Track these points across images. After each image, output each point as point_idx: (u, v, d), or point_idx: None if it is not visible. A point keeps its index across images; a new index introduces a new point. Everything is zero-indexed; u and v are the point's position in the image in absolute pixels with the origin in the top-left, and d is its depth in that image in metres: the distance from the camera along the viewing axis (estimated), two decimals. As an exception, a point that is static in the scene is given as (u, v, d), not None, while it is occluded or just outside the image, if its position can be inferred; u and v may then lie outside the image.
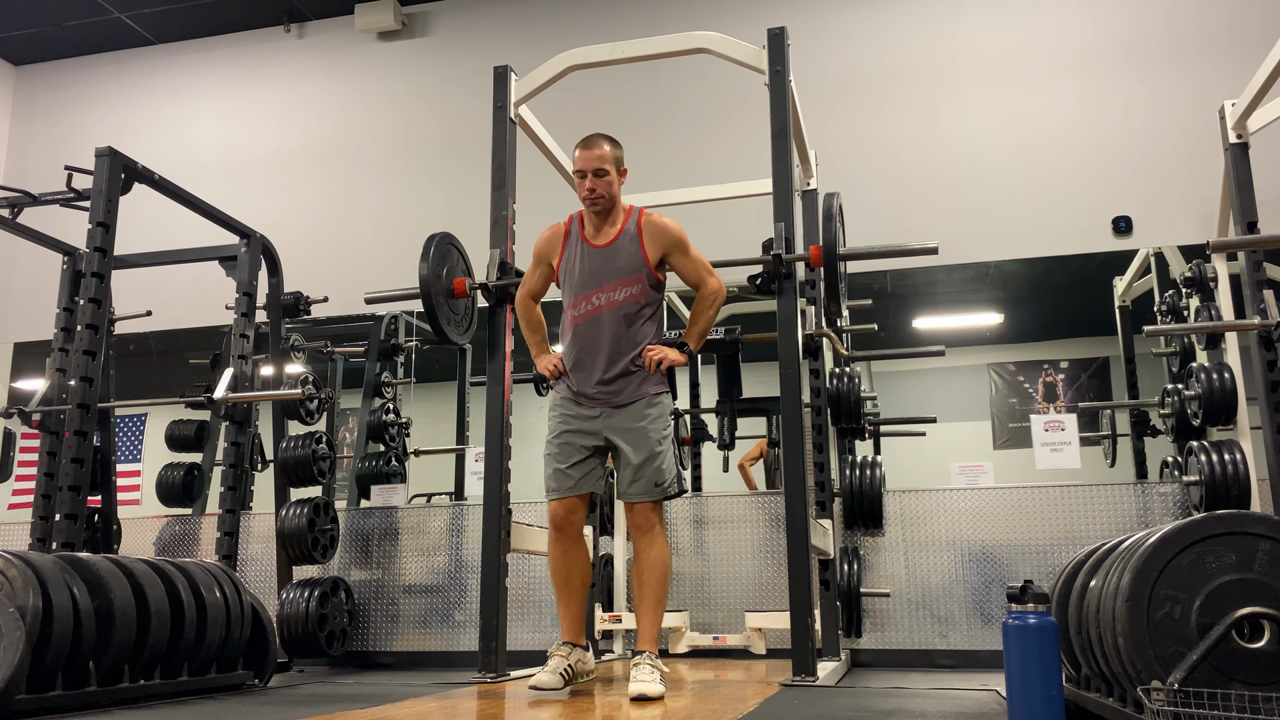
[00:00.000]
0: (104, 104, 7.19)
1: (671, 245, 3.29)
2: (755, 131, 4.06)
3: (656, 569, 3.19)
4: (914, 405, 6.01)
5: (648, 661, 3.03)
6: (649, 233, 3.27)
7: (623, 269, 3.25)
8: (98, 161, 4.27)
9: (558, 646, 3.23)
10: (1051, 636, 2.00)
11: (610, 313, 3.24)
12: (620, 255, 3.26)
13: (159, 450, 6.03)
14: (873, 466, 4.69)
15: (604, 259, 3.27)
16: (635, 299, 3.25)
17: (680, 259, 3.31)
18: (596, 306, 3.25)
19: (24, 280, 6.87)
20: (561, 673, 3.13)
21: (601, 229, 3.30)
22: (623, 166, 3.32)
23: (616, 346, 3.23)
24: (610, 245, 3.27)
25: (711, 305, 3.33)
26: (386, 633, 5.29)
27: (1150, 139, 5.42)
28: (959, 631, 4.69)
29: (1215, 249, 4.02)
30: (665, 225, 3.29)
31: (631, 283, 3.25)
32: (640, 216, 3.30)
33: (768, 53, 3.73)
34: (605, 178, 3.23)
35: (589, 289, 3.26)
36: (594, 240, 3.30)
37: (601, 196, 3.24)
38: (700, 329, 3.35)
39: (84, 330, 4.14)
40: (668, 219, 3.32)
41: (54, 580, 2.87)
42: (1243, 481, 4.14)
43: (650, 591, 3.18)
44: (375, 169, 6.58)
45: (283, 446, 5.06)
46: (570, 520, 3.25)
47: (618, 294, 3.24)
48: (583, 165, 3.24)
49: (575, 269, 3.30)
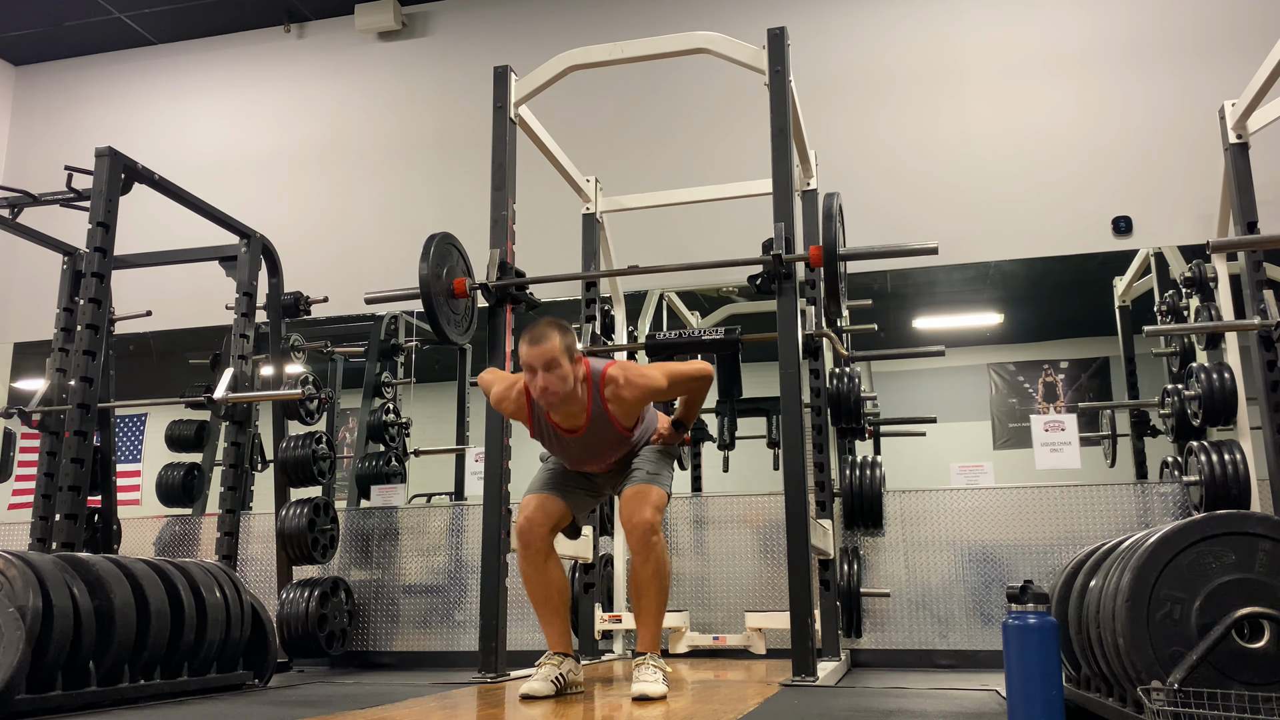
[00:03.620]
0: (104, 104, 7.19)
1: (646, 400, 3.13)
2: (755, 131, 4.06)
3: (657, 583, 3.08)
4: (914, 405, 6.00)
5: (651, 662, 3.00)
6: (618, 408, 3.07)
7: (604, 448, 3.16)
8: (98, 161, 4.27)
9: (548, 655, 3.14)
10: (1051, 636, 2.00)
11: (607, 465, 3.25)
12: (597, 438, 3.12)
13: (159, 450, 6.03)
14: (873, 466, 4.69)
15: (581, 445, 3.14)
16: (626, 452, 3.22)
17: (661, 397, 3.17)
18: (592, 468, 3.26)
19: (24, 280, 6.87)
20: (553, 680, 3.05)
21: (568, 414, 3.07)
22: (575, 353, 2.99)
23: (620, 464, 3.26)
24: (584, 433, 3.10)
25: (700, 394, 3.23)
26: (386, 633, 5.29)
27: (1150, 139, 5.43)
28: (959, 631, 4.69)
29: (1215, 249, 4.01)
30: (633, 396, 3.05)
31: (617, 450, 3.19)
32: (604, 389, 3.04)
33: (768, 53, 3.73)
34: (558, 371, 2.92)
35: (576, 465, 3.25)
36: (564, 427, 3.11)
37: (556, 394, 2.94)
38: (694, 410, 3.29)
39: (84, 330, 4.14)
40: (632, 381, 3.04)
41: (54, 580, 2.87)
42: (1243, 481, 4.14)
43: (650, 605, 3.10)
44: (375, 169, 6.58)
45: (283, 446, 5.06)
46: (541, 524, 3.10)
47: (611, 457, 3.21)
48: (530, 361, 2.93)
49: (554, 447, 3.21)
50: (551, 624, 3.19)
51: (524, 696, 2.98)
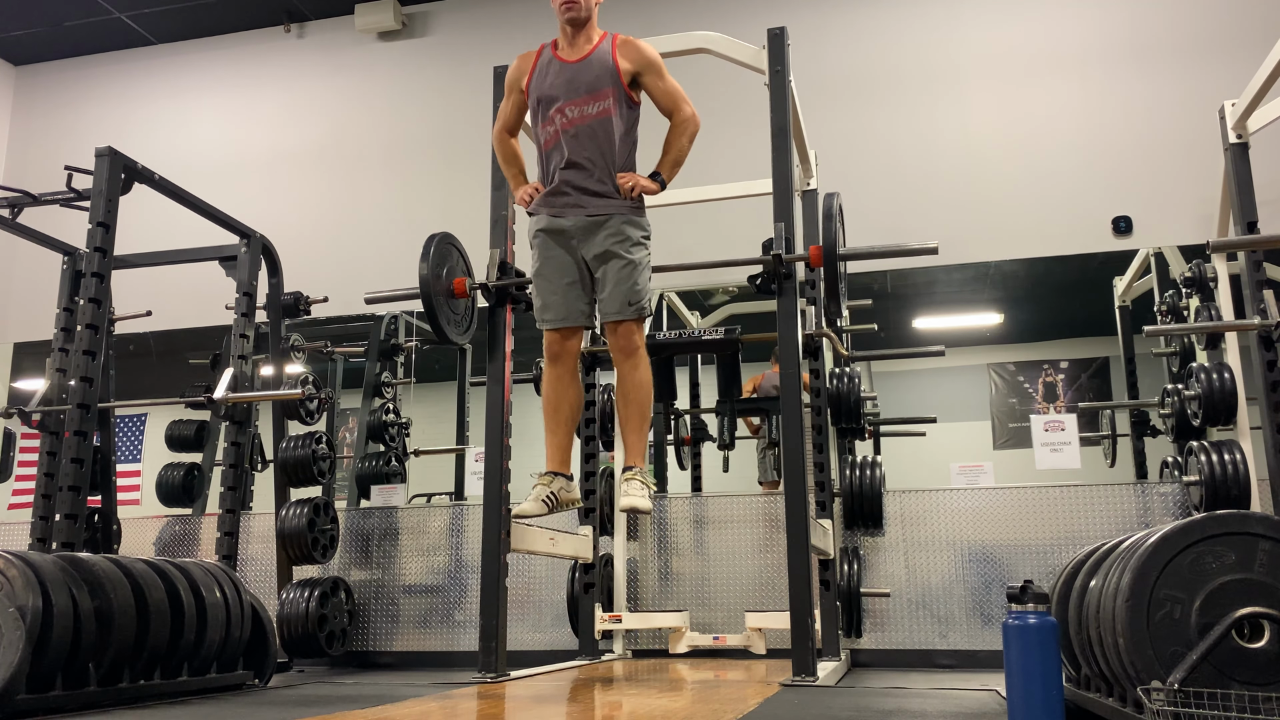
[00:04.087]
0: (104, 104, 7.19)
1: (646, 65, 3.27)
2: (755, 131, 4.06)
3: (641, 390, 3.28)
4: (914, 405, 6.01)
5: (639, 478, 3.15)
6: (624, 50, 3.26)
7: (594, 82, 3.22)
8: (98, 161, 4.27)
9: (541, 474, 3.29)
10: (1051, 636, 2.00)
11: (581, 127, 3.22)
12: (592, 68, 3.23)
13: (159, 450, 6.03)
14: (873, 466, 4.69)
15: (575, 72, 3.24)
16: (607, 113, 3.22)
17: (654, 80, 3.29)
18: (568, 120, 3.23)
19: (24, 280, 6.87)
20: (544, 500, 3.22)
21: (575, 42, 3.27)
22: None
23: (589, 161, 3.24)
24: (583, 60, 3.25)
25: (685, 133, 3.32)
26: (386, 633, 5.29)
27: (1150, 139, 5.43)
28: (959, 631, 4.69)
29: (1215, 249, 4.02)
30: (640, 45, 3.29)
31: (603, 96, 3.21)
32: (616, 38, 3.29)
33: (768, 53, 3.73)
34: None
35: (560, 103, 3.23)
36: (566, 56, 3.27)
37: (576, 3, 3.19)
38: (673, 158, 3.35)
39: (84, 330, 4.14)
40: (645, 42, 3.32)
41: (54, 580, 2.87)
42: (1243, 481, 4.14)
43: (636, 411, 3.28)
44: (375, 169, 6.58)
45: (283, 446, 5.06)
46: (565, 348, 3.33)
47: (590, 108, 3.21)
48: None
49: (546, 83, 3.27)
50: (555, 435, 3.36)
51: (516, 517, 3.23)
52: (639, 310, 3.24)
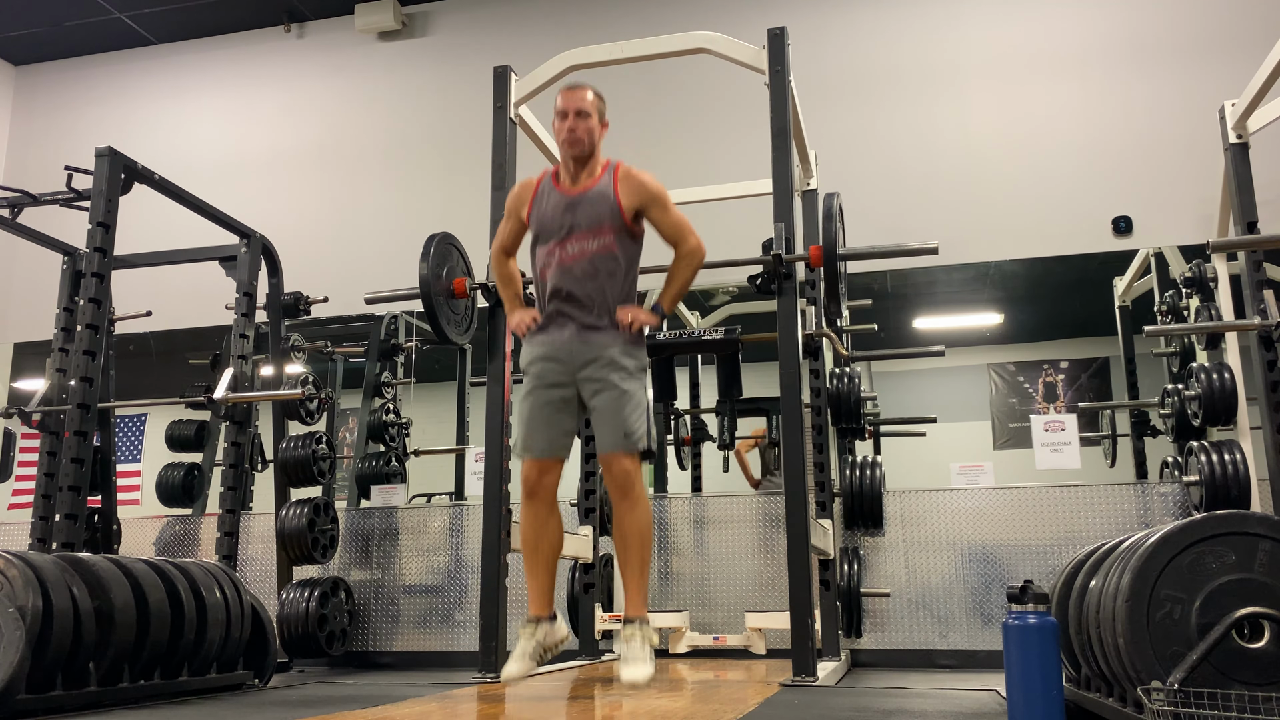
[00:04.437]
0: (104, 104, 7.19)
1: (650, 199, 3.16)
2: (755, 131, 4.06)
3: (641, 534, 3.07)
4: (914, 405, 6.00)
5: (639, 634, 2.95)
6: (626, 184, 3.15)
7: (596, 218, 3.12)
8: (98, 161, 4.27)
9: (523, 625, 3.11)
10: (1051, 636, 2.00)
11: (582, 262, 3.11)
12: (594, 203, 3.13)
13: (159, 450, 6.03)
14: (873, 466, 4.69)
15: (576, 206, 3.14)
16: (609, 249, 3.12)
17: (659, 214, 3.19)
18: (568, 255, 3.12)
19: (24, 280, 6.87)
20: (530, 656, 3.04)
21: (578, 177, 3.17)
22: (605, 118, 3.20)
23: (589, 298, 3.12)
24: (584, 193, 3.15)
25: (689, 265, 3.22)
26: (386, 633, 5.29)
27: (1150, 139, 5.43)
28: (959, 631, 4.69)
29: (1215, 249, 4.02)
30: (643, 179, 3.17)
31: (605, 232, 3.12)
32: (618, 169, 3.17)
33: (768, 53, 3.73)
34: (587, 121, 3.10)
35: (560, 238, 3.13)
36: (568, 189, 3.18)
37: (581, 140, 3.10)
38: (675, 290, 3.25)
39: (84, 330, 4.14)
40: (647, 174, 3.20)
41: (54, 580, 2.87)
42: (1243, 481, 4.14)
43: (636, 556, 3.07)
44: (375, 169, 6.58)
45: (283, 446, 5.06)
46: (543, 483, 3.13)
47: (590, 244, 3.11)
48: (565, 105, 3.11)
49: (546, 216, 3.17)
50: (536, 575, 3.16)
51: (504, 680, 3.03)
52: (634, 444, 3.05)
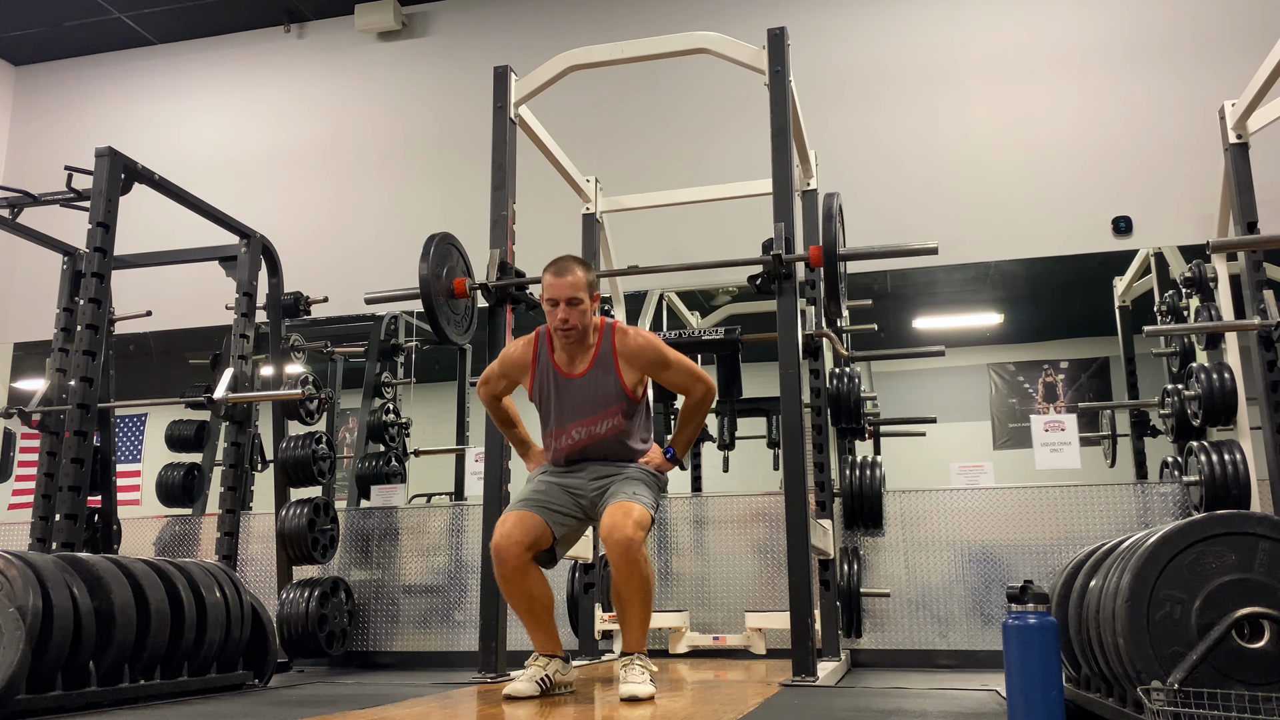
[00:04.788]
0: (104, 104, 7.19)
1: (650, 364, 3.12)
2: (755, 131, 4.06)
3: (639, 598, 2.97)
4: (914, 405, 6.00)
5: (638, 663, 2.95)
6: (625, 357, 3.09)
7: (601, 401, 3.10)
8: (98, 161, 4.27)
9: (534, 657, 3.10)
10: (1051, 636, 2.00)
11: (594, 444, 3.13)
12: (597, 386, 3.09)
13: (159, 450, 6.03)
14: (873, 466, 4.69)
15: (579, 390, 3.11)
16: (618, 428, 3.12)
17: (663, 374, 3.15)
18: (577, 440, 3.13)
19: (24, 280, 6.87)
20: (538, 681, 3.00)
21: (575, 357, 3.12)
22: (595, 291, 3.10)
23: (604, 459, 3.14)
24: (585, 375, 3.10)
25: (700, 412, 3.20)
26: (386, 633, 5.29)
27: (1150, 139, 5.43)
28: (959, 631, 4.69)
29: (1215, 249, 4.02)
30: (641, 346, 3.10)
31: (612, 414, 3.11)
32: (614, 337, 3.11)
33: (768, 53, 3.73)
34: (579, 307, 3.02)
35: (567, 422, 3.13)
36: (567, 370, 3.12)
37: (574, 328, 3.04)
38: (688, 436, 3.23)
39: (84, 330, 4.14)
40: (642, 335, 3.15)
41: (54, 580, 2.87)
42: (1243, 481, 4.14)
43: (634, 614, 3.00)
44: (375, 169, 6.58)
45: (283, 446, 5.06)
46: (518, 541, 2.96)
47: (599, 427, 3.11)
48: (554, 294, 3.01)
49: (550, 399, 3.15)
50: (536, 630, 3.12)
51: (507, 697, 2.94)
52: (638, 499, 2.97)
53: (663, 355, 3.11)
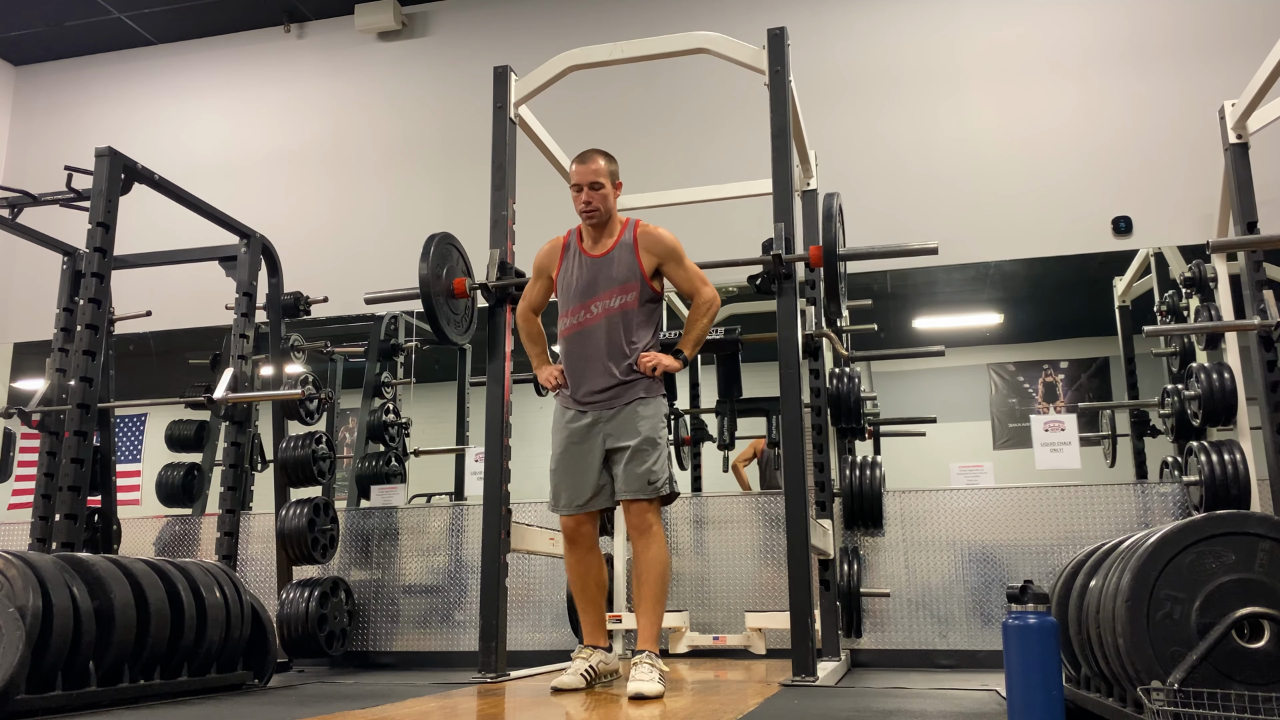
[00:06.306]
0: (104, 104, 7.19)
1: (666, 255, 3.35)
2: (755, 131, 4.06)
3: (655, 570, 3.22)
4: (914, 405, 6.00)
5: (647, 661, 3.07)
6: (644, 243, 3.33)
7: (617, 277, 3.31)
8: (98, 161, 4.26)
9: (580, 649, 3.33)
10: (1051, 636, 2.00)
11: (605, 320, 3.30)
12: (615, 264, 3.32)
13: (159, 450, 6.03)
14: (873, 466, 4.69)
15: (599, 268, 3.33)
16: (629, 306, 3.31)
17: (675, 269, 3.37)
18: (592, 315, 3.32)
19: (24, 280, 6.87)
20: (583, 674, 3.21)
21: (599, 240, 3.37)
22: (618, 180, 3.38)
23: (611, 354, 3.29)
24: (606, 255, 3.34)
25: (706, 314, 3.38)
26: (386, 633, 5.29)
27: (1150, 139, 5.42)
28: (959, 631, 4.69)
29: (1215, 249, 4.02)
30: (660, 235, 3.35)
31: (626, 290, 3.31)
32: (637, 227, 3.37)
33: (767, 53, 3.73)
34: (600, 190, 3.29)
35: (585, 298, 3.33)
36: (591, 250, 3.37)
37: (596, 210, 3.31)
38: (695, 336, 3.39)
39: (84, 330, 4.14)
40: (664, 230, 3.38)
41: (54, 580, 2.87)
42: (1243, 481, 4.14)
43: (649, 592, 3.22)
44: (375, 169, 6.58)
45: (283, 446, 5.06)
46: (580, 532, 3.33)
47: (612, 301, 3.31)
48: (578, 179, 3.31)
49: (572, 279, 3.37)
50: (587, 612, 3.39)
51: (555, 689, 3.15)
52: (655, 490, 3.22)
53: (678, 250, 3.37)
